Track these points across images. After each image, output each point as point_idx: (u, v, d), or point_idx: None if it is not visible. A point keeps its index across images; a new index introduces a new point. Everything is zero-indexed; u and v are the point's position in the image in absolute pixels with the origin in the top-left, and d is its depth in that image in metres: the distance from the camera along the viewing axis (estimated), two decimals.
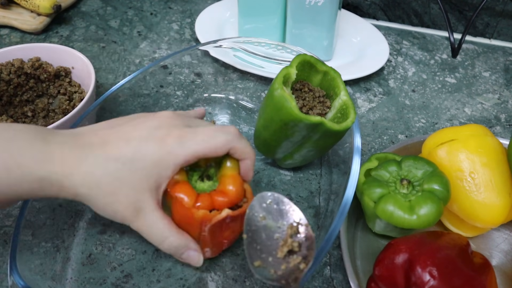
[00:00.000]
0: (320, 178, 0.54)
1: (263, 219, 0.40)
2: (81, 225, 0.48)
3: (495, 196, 0.44)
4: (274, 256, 0.38)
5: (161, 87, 0.64)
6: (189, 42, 0.77)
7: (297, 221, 0.40)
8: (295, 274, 0.36)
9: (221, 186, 0.41)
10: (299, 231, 0.39)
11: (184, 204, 0.39)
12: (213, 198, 0.40)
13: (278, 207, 0.40)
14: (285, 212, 0.40)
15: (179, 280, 0.44)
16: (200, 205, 0.39)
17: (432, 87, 0.69)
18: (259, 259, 0.38)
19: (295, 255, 0.38)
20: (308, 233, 0.39)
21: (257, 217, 0.40)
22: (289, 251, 0.38)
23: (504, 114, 0.65)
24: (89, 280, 0.44)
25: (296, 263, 0.37)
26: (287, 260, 0.38)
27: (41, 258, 0.44)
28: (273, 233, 0.40)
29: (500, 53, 0.76)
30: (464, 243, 0.41)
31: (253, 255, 0.39)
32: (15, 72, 0.58)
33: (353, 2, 0.82)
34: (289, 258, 0.38)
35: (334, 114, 0.48)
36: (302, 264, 0.37)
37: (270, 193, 0.41)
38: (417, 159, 0.45)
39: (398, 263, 0.39)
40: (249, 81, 0.67)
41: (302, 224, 0.39)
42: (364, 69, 0.67)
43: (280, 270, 0.37)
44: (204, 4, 0.85)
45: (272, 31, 0.71)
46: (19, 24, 0.76)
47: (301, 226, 0.39)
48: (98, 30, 0.78)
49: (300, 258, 0.37)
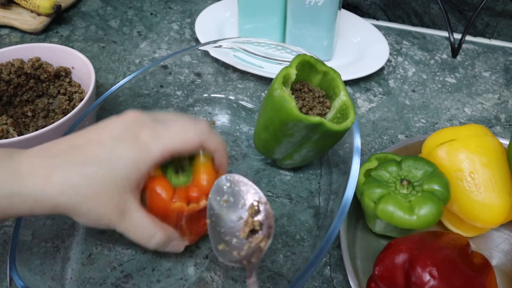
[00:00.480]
0: (320, 178, 0.54)
1: (225, 202, 0.41)
2: (81, 225, 0.48)
3: (495, 196, 0.44)
4: (237, 237, 0.39)
5: (161, 87, 0.64)
6: (189, 42, 0.77)
7: (257, 199, 0.40)
8: (256, 253, 0.37)
9: (195, 180, 0.42)
10: (259, 210, 0.40)
11: (162, 198, 0.39)
12: (188, 192, 0.41)
13: (239, 188, 0.41)
14: (245, 193, 0.41)
15: (179, 280, 0.44)
16: (177, 200, 0.40)
17: (432, 87, 0.69)
18: (223, 242, 0.39)
19: (256, 234, 0.39)
20: (267, 211, 0.39)
21: (219, 201, 0.41)
22: (251, 230, 0.39)
23: (504, 114, 0.65)
24: (89, 280, 0.44)
25: (257, 242, 0.38)
26: (250, 240, 0.39)
27: (41, 258, 0.44)
28: (235, 215, 0.40)
29: (500, 53, 0.76)
30: (464, 243, 0.41)
31: (217, 239, 0.40)
32: (15, 72, 0.58)
33: (353, 2, 0.82)
34: (251, 238, 0.39)
35: (334, 115, 0.48)
36: (263, 242, 0.38)
37: (229, 176, 0.41)
38: (417, 159, 0.45)
39: (398, 263, 0.39)
40: (249, 81, 0.67)
41: (261, 202, 0.40)
42: (364, 69, 0.67)
43: (243, 250, 0.38)
44: (204, 4, 0.85)
45: (272, 31, 0.71)
46: (19, 24, 0.76)
47: (261, 204, 0.40)
48: (98, 30, 0.78)
49: (261, 236, 0.38)
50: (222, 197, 0.41)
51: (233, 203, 0.41)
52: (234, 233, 0.40)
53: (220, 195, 0.41)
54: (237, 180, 0.41)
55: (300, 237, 0.48)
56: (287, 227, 0.49)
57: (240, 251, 0.38)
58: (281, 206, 0.51)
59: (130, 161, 0.37)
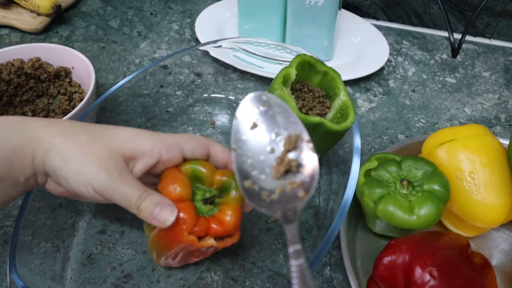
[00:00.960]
0: (320, 178, 0.54)
1: (254, 126, 0.33)
2: (81, 225, 0.48)
3: (495, 196, 0.44)
4: (267, 174, 0.32)
5: (161, 87, 0.64)
6: (189, 42, 0.77)
7: (297, 133, 0.32)
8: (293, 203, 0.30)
9: (220, 213, 0.38)
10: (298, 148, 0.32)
11: (183, 225, 0.36)
12: (209, 224, 0.37)
13: (273, 112, 0.33)
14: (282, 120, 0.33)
15: (179, 280, 0.44)
16: (197, 230, 0.36)
17: (432, 87, 0.69)
18: (250, 177, 0.32)
19: (292, 177, 0.31)
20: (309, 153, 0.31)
21: (247, 124, 0.33)
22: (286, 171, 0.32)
23: (504, 114, 0.65)
24: (89, 280, 0.44)
25: (293, 187, 0.31)
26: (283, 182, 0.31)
27: (41, 258, 0.44)
28: (266, 145, 0.33)
29: (500, 53, 0.76)
30: (464, 243, 0.41)
31: (243, 172, 0.32)
32: (15, 72, 0.58)
33: (353, 2, 0.82)
34: (285, 180, 0.31)
35: (333, 115, 0.48)
36: (301, 191, 0.30)
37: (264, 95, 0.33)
38: (417, 159, 0.45)
39: (398, 263, 0.39)
40: (249, 81, 0.67)
41: (303, 139, 0.32)
42: (364, 69, 0.67)
43: (274, 193, 0.31)
44: (204, 4, 0.85)
45: (272, 31, 0.71)
46: (19, 24, 0.76)
47: (301, 142, 0.32)
48: (98, 30, 0.78)
49: (299, 182, 0.31)
50: (251, 120, 0.33)
51: (265, 130, 0.33)
52: (263, 168, 0.32)
53: (251, 117, 0.33)
54: (274, 102, 0.33)
55: (300, 237, 0.48)
56: None
57: (271, 194, 0.31)
58: None
59: (122, 135, 0.37)
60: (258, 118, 0.33)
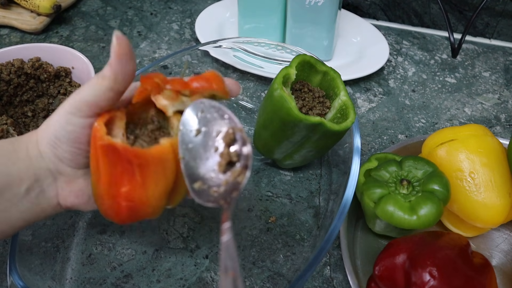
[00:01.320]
0: (320, 178, 0.54)
1: (198, 133, 0.36)
2: (81, 225, 0.48)
3: (495, 196, 0.44)
4: (214, 171, 0.35)
5: None
6: (189, 42, 0.77)
7: (233, 126, 0.35)
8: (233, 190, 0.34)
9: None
10: (235, 139, 0.35)
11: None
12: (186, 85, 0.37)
13: (211, 115, 0.36)
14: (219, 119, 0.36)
15: (179, 280, 0.44)
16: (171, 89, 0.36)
17: (432, 87, 0.69)
18: (199, 179, 0.35)
19: (234, 166, 0.35)
20: (243, 138, 0.35)
21: (191, 132, 0.36)
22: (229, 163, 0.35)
23: (504, 114, 0.65)
24: (89, 280, 0.44)
25: (236, 175, 0.34)
26: (228, 174, 0.35)
27: (41, 258, 0.44)
28: (210, 146, 0.36)
29: (500, 53, 0.76)
30: (464, 243, 0.41)
31: (192, 176, 0.35)
32: (15, 72, 0.58)
33: (353, 2, 0.82)
34: (229, 172, 0.35)
35: (333, 115, 0.48)
36: (241, 175, 0.34)
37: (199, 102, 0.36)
38: (417, 159, 0.45)
39: (398, 263, 0.39)
40: (249, 81, 0.67)
41: (237, 129, 0.35)
42: (364, 69, 0.67)
43: (221, 187, 0.34)
44: (204, 4, 0.85)
45: (272, 31, 0.71)
46: (19, 24, 0.76)
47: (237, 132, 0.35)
48: (98, 30, 0.78)
49: (239, 169, 0.34)
50: (194, 128, 0.36)
51: (207, 133, 0.36)
52: (211, 167, 0.35)
53: (192, 126, 0.36)
54: (209, 105, 0.36)
55: (300, 237, 0.48)
56: (287, 227, 0.49)
57: (219, 188, 0.34)
58: (281, 206, 0.51)
59: None
60: (199, 124, 0.36)
